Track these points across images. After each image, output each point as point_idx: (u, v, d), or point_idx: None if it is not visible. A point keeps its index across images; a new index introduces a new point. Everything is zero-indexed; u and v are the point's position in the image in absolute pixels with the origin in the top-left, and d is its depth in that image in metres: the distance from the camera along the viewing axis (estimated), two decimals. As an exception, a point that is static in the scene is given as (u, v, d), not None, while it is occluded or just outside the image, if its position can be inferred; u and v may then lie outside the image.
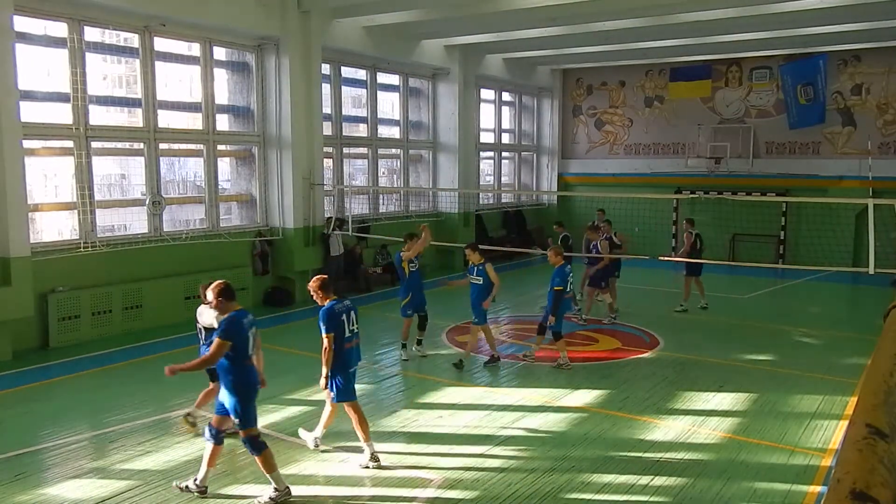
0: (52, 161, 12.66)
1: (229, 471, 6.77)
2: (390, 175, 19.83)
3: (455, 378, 9.77)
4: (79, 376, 9.85)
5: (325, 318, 6.70)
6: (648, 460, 7.01)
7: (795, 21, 15.60)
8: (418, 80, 19.38)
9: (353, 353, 6.96)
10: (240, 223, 14.95)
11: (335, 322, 6.73)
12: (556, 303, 10.22)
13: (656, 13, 14.93)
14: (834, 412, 8.44)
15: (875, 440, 1.15)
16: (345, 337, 6.79)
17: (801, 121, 20.34)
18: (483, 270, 10.22)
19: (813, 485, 6.49)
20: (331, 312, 6.74)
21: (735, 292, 16.28)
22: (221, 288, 6.21)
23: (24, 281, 10.47)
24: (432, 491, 6.36)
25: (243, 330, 6.04)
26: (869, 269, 10.69)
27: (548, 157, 24.20)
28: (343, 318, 6.79)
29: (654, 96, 22.66)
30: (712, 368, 10.41)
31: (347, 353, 6.85)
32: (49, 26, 11.77)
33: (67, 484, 6.45)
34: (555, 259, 10.43)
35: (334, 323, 6.72)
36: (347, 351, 6.84)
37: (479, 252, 10.40)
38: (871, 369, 1.57)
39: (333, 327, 6.71)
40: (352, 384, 6.97)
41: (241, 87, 14.74)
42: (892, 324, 2.03)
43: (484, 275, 10.19)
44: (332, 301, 6.82)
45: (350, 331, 6.86)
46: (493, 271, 10.22)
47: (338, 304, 6.83)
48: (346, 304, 6.92)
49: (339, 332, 6.75)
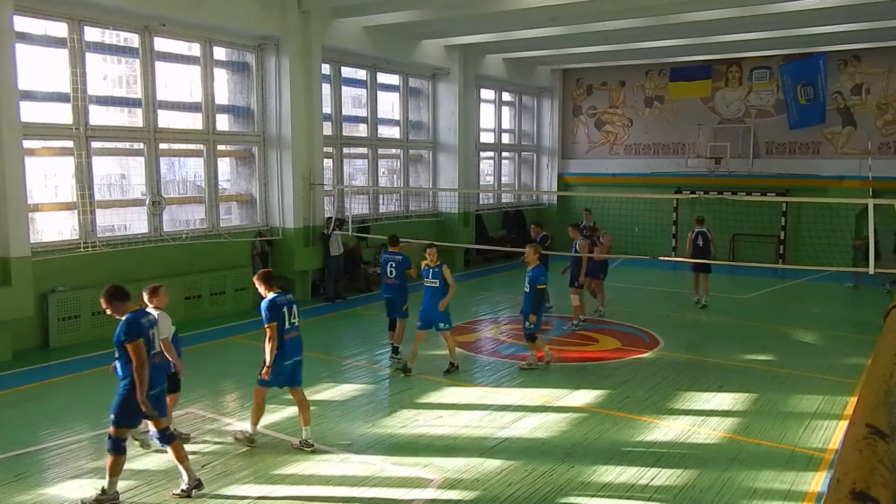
0: (52, 161, 12.66)
1: (229, 471, 6.78)
2: (390, 175, 19.82)
3: (455, 378, 9.77)
4: (79, 376, 9.85)
5: (266, 310, 7.08)
6: (648, 460, 7.00)
7: (795, 21, 15.60)
8: (418, 80, 19.38)
9: (292, 344, 7.28)
10: (240, 223, 14.95)
11: (276, 313, 7.11)
12: (537, 303, 10.08)
13: (656, 13, 14.93)
14: (834, 412, 8.44)
15: (875, 440, 1.15)
16: (284, 328, 7.16)
17: (801, 121, 20.33)
18: (440, 273, 9.86)
19: (813, 485, 6.49)
20: (272, 304, 7.12)
21: (735, 292, 16.28)
22: (111, 292, 6.16)
23: (24, 281, 10.47)
24: (432, 491, 6.36)
25: (143, 329, 6.09)
26: (869, 269, 10.70)
27: (548, 157, 24.20)
28: (284, 310, 7.18)
29: (654, 96, 22.66)
30: (712, 368, 10.41)
31: (287, 344, 7.20)
32: (49, 26, 11.77)
33: (67, 484, 6.45)
34: (533, 258, 10.18)
35: (275, 314, 7.09)
36: (287, 341, 7.20)
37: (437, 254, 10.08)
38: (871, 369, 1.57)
39: (274, 318, 7.07)
40: (288, 371, 7.29)
41: (241, 87, 14.74)
42: (892, 324, 2.03)
43: (440, 277, 9.85)
44: (274, 294, 7.21)
45: (290, 323, 7.24)
46: (449, 274, 9.90)
47: (280, 297, 7.23)
48: (287, 298, 7.33)
49: (280, 323, 7.12)
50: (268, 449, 7.27)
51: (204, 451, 7.22)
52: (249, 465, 6.86)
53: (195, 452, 7.11)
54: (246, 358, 10.89)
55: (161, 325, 6.79)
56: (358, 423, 8.26)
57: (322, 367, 10.38)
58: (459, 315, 13.67)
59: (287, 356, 7.20)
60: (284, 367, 7.21)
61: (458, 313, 13.84)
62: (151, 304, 6.99)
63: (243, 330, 12.54)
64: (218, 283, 13.68)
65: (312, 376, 9.80)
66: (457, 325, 12.80)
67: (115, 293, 6.16)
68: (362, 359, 10.68)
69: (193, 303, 13.19)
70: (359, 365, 10.49)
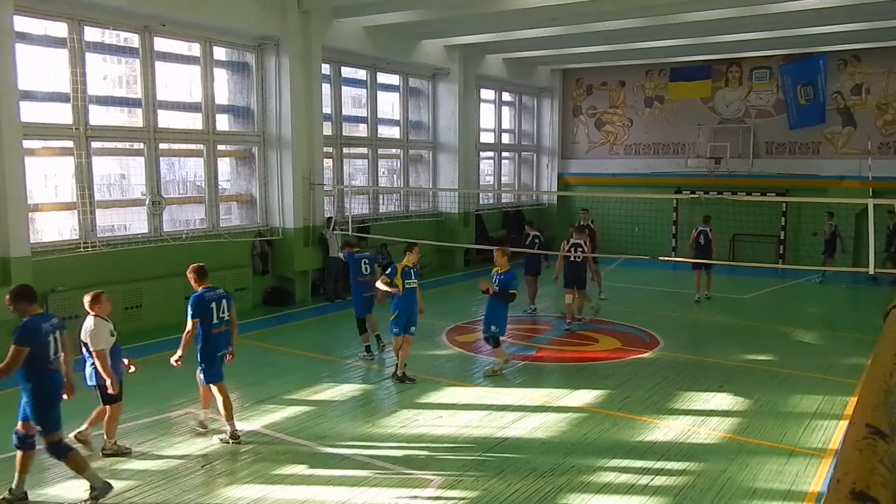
0: (52, 161, 12.66)
1: (228, 471, 6.78)
2: (390, 175, 19.82)
3: (455, 378, 9.77)
4: (78, 376, 9.83)
5: (193, 304, 7.27)
6: (648, 460, 7.00)
7: (795, 21, 15.60)
8: (418, 80, 19.38)
9: (221, 339, 7.43)
10: (240, 223, 14.95)
11: (203, 308, 7.26)
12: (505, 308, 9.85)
13: (656, 13, 14.93)
14: (834, 412, 8.44)
15: (875, 440, 1.15)
16: (213, 323, 7.30)
17: (801, 121, 20.33)
18: (419, 273, 9.69)
19: (813, 485, 6.49)
20: (199, 299, 7.30)
21: (735, 292, 16.28)
22: (17, 291, 6.02)
23: (23, 281, 10.42)
24: (432, 491, 6.36)
25: (41, 335, 5.87)
26: (869, 269, 10.70)
27: (548, 157, 24.20)
28: (212, 305, 7.32)
29: (654, 96, 22.66)
30: (712, 368, 10.41)
31: (216, 338, 7.35)
32: (49, 26, 11.77)
33: (67, 484, 6.45)
34: (502, 261, 9.87)
35: (202, 309, 7.25)
36: (215, 336, 7.34)
37: None
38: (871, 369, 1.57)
39: (200, 313, 7.24)
40: (218, 367, 7.44)
41: (241, 87, 14.74)
42: (892, 324, 2.03)
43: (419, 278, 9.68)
44: (204, 289, 7.39)
45: (219, 318, 7.37)
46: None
47: (209, 292, 7.38)
48: (218, 293, 7.46)
49: (208, 318, 7.27)
50: (268, 449, 7.27)
51: (204, 451, 7.21)
52: (249, 465, 6.86)
53: (185, 457, 7.11)
54: (246, 358, 10.88)
55: (100, 333, 6.67)
56: (358, 423, 8.27)
57: (322, 367, 10.39)
58: (459, 315, 13.71)
59: (219, 348, 7.41)
60: (217, 360, 7.39)
61: (458, 313, 13.89)
62: (93, 311, 6.82)
63: (243, 330, 12.49)
64: (218, 283, 13.47)
65: (312, 376, 9.83)
66: (457, 325, 12.85)
67: (21, 293, 6.00)
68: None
69: (193, 303, 13.17)
70: (359, 365, 10.48)
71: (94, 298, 6.93)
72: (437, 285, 17.20)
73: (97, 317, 6.85)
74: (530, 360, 10.86)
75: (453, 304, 15.58)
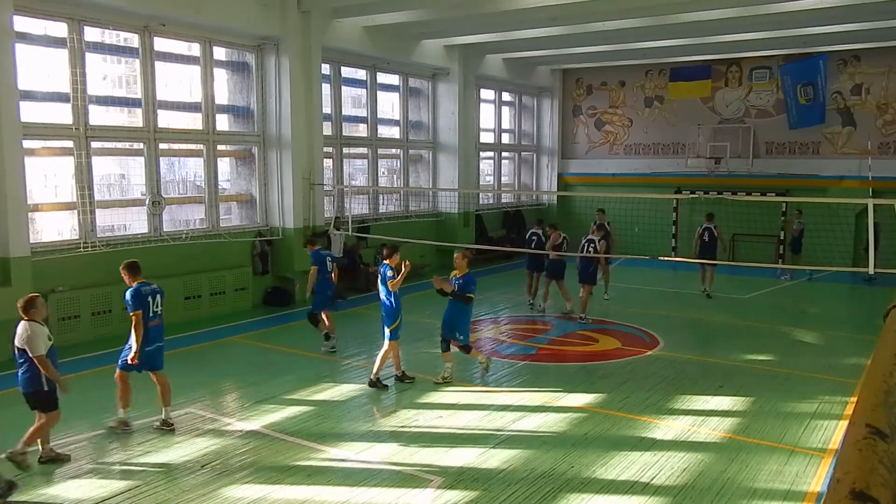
0: (52, 161, 12.65)
1: (228, 471, 6.77)
2: (390, 175, 19.82)
3: (455, 378, 9.76)
4: (79, 376, 9.83)
5: (131, 298, 7.53)
6: (648, 460, 7.00)
7: (795, 21, 15.60)
8: (418, 80, 19.38)
9: (155, 332, 7.72)
10: (240, 223, 14.94)
11: (142, 301, 7.54)
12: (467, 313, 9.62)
13: (656, 13, 14.93)
14: (834, 412, 8.45)
15: (875, 440, 1.15)
16: (149, 316, 7.60)
17: (801, 121, 20.33)
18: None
19: (813, 485, 6.49)
20: (136, 293, 7.57)
21: (735, 292, 16.28)
22: None
23: (23, 281, 10.45)
24: (432, 491, 6.36)
25: None
26: (869, 269, 10.69)
27: (548, 157, 24.20)
28: (148, 299, 7.62)
29: (654, 96, 22.66)
30: (712, 368, 10.41)
31: (150, 331, 7.64)
32: (49, 26, 11.76)
33: (67, 484, 6.45)
34: (461, 264, 9.57)
35: (140, 302, 7.52)
36: (150, 328, 7.64)
37: None
38: (871, 369, 1.57)
39: (138, 307, 7.50)
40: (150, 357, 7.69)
41: (241, 87, 14.74)
42: (892, 324, 2.03)
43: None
44: (138, 283, 7.64)
45: (154, 311, 7.69)
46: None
47: (144, 286, 7.67)
48: (152, 288, 7.75)
49: (145, 311, 7.56)
50: (268, 449, 7.27)
51: (204, 451, 7.21)
52: (249, 465, 6.86)
53: (185, 457, 7.11)
54: (246, 358, 10.90)
55: (38, 339, 6.52)
56: (358, 423, 8.27)
57: (322, 367, 10.39)
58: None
59: (150, 342, 7.63)
60: (147, 353, 7.62)
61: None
62: (27, 316, 6.60)
63: (243, 330, 12.55)
64: (218, 283, 13.68)
65: (312, 376, 9.82)
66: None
67: None
68: (362, 359, 10.66)
69: (193, 303, 13.19)
70: (359, 365, 10.47)
71: (29, 303, 6.68)
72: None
73: (32, 321, 6.60)
74: (530, 360, 10.85)
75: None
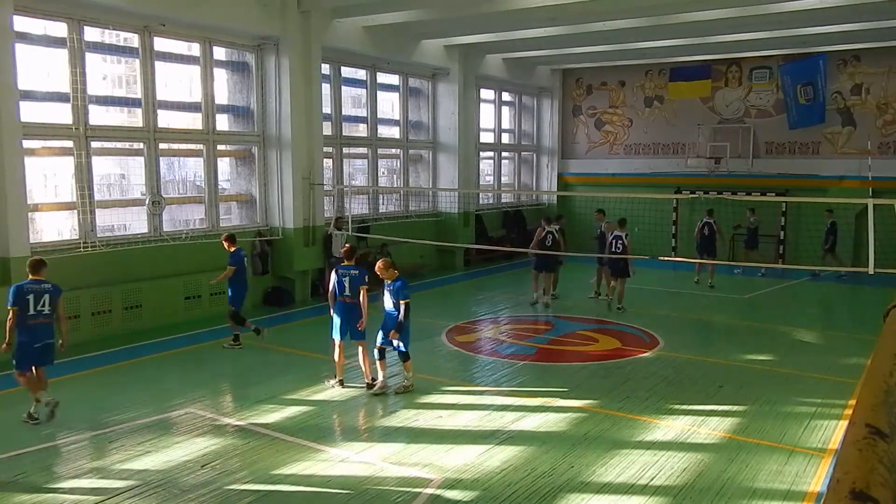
0: (52, 161, 12.66)
1: (228, 471, 6.77)
2: (390, 175, 19.82)
3: (455, 378, 9.77)
4: (79, 376, 9.84)
5: (10, 293, 7.72)
6: (648, 460, 7.00)
7: (795, 21, 15.60)
8: (418, 80, 19.37)
9: (38, 330, 7.81)
10: (240, 223, 14.94)
11: (20, 298, 7.67)
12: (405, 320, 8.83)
13: (656, 13, 14.94)
14: (834, 412, 8.44)
15: (875, 440, 1.15)
16: (28, 314, 7.70)
17: (800, 121, 20.32)
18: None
19: (813, 485, 6.49)
20: (16, 289, 7.73)
21: (735, 292, 16.29)
22: None
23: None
24: (432, 491, 6.36)
25: None
26: (869, 269, 10.68)
27: (548, 157, 24.19)
28: (30, 297, 7.71)
29: (654, 96, 22.65)
30: (712, 368, 10.41)
31: (31, 329, 7.75)
32: (49, 26, 11.76)
33: (67, 484, 6.45)
34: (388, 273, 8.86)
35: (18, 299, 7.66)
36: (32, 327, 7.74)
37: None
38: (871, 369, 1.57)
39: (16, 303, 7.65)
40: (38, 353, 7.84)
41: (240, 87, 14.74)
42: (892, 324, 2.03)
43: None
44: (29, 280, 7.79)
45: (37, 310, 7.75)
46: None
47: (31, 284, 7.77)
48: (42, 287, 7.81)
49: (25, 308, 7.67)
50: (268, 449, 7.27)
51: (204, 451, 7.21)
52: (249, 465, 6.86)
53: (185, 457, 7.11)
54: (246, 358, 10.90)
55: None
56: (358, 423, 8.27)
57: (322, 367, 10.37)
58: (459, 315, 13.71)
59: (36, 339, 7.76)
60: (34, 350, 7.76)
61: (458, 313, 13.89)
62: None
63: (242, 330, 12.52)
64: (218, 283, 13.64)
65: (312, 376, 9.82)
66: (457, 325, 12.85)
67: None
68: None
69: (193, 303, 13.19)
70: (359, 365, 10.47)
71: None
72: (437, 285, 17.22)
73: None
74: (530, 360, 10.85)
75: (453, 304, 15.59)
